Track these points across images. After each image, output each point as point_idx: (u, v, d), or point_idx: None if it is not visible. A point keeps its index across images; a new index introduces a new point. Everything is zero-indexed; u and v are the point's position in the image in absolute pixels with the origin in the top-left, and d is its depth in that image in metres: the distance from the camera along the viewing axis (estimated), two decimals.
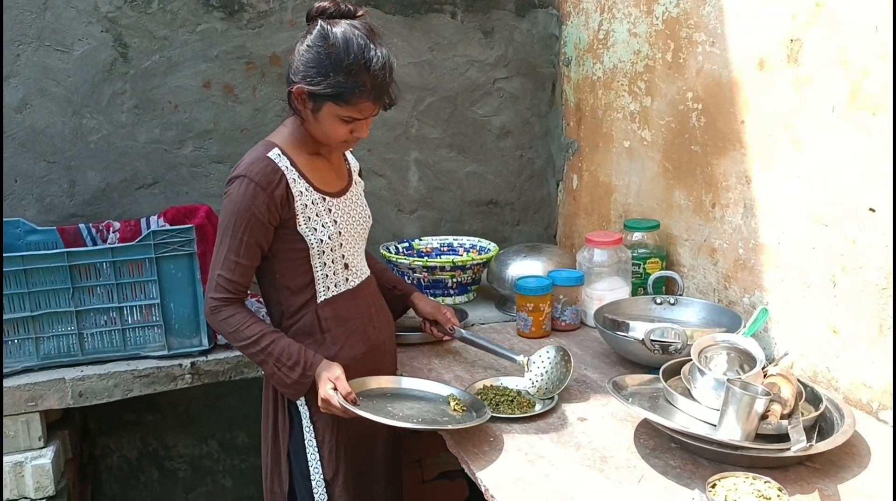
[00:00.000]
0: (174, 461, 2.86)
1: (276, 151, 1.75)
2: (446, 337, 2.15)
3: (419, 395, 1.86)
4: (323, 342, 1.82)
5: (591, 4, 2.73)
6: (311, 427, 1.83)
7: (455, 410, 1.78)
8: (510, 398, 1.84)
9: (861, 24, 1.68)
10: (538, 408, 1.81)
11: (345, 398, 1.69)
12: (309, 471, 1.84)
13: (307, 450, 1.83)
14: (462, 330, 2.10)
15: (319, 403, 1.73)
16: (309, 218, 1.77)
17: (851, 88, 1.72)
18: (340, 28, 1.67)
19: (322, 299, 1.82)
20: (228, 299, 1.74)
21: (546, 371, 1.90)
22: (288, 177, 1.73)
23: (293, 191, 1.74)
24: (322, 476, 1.84)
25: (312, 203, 1.77)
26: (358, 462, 1.90)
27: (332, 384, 1.71)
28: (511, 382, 1.93)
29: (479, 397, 1.84)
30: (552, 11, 2.97)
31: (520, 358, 1.96)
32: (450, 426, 1.70)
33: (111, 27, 2.47)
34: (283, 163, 1.74)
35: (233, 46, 2.61)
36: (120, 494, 2.79)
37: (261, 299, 2.36)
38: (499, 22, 2.91)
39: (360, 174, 2.02)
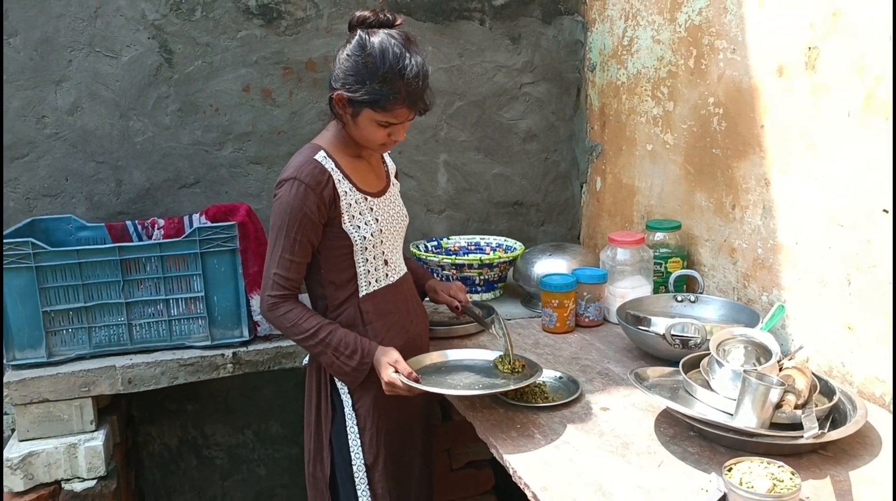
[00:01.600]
0: (212, 449, 2.98)
1: (322, 153, 1.86)
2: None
3: (469, 364, 1.99)
4: (365, 334, 1.92)
5: (615, 12, 2.82)
6: (354, 414, 1.93)
7: (505, 371, 1.92)
8: (536, 391, 1.93)
9: (876, 33, 1.76)
10: (563, 399, 1.90)
11: (407, 377, 1.80)
12: (350, 456, 1.93)
13: (349, 437, 1.93)
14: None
15: (384, 387, 1.83)
16: (353, 216, 1.87)
17: (866, 94, 1.80)
18: (378, 38, 1.77)
19: (364, 293, 1.93)
20: (285, 296, 1.84)
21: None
22: (334, 178, 1.84)
23: (339, 191, 1.85)
24: (363, 462, 1.93)
25: (356, 202, 1.88)
26: (396, 448, 1.99)
27: (393, 367, 1.81)
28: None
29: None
30: (578, 18, 3.06)
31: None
32: (511, 386, 1.82)
33: (157, 34, 2.60)
34: (329, 165, 1.85)
35: (271, 52, 2.73)
36: (160, 480, 2.92)
37: None
38: (526, 29, 3.01)
39: (395, 176, 2.12)
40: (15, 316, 2.14)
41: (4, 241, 2.12)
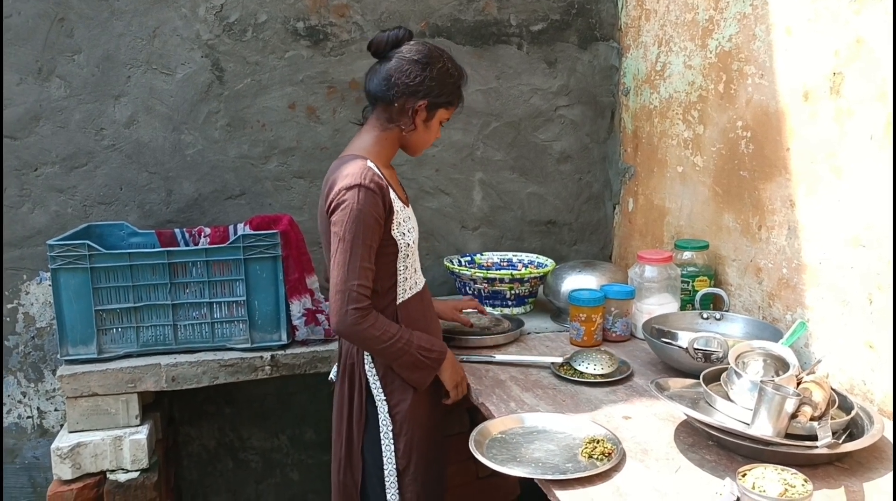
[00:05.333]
0: (247, 452, 3.08)
1: (369, 162, 1.93)
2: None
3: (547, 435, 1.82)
4: None
5: (649, 38, 2.91)
6: (389, 420, 1.98)
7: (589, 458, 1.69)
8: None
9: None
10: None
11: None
12: (382, 462, 1.98)
13: (382, 442, 1.98)
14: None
15: (456, 382, 2.04)
16: (399, 223, 1.94)
17: (888, 118, 1.85)
18: (435, 50, 1.98)
19: (400, 300, 2.00)
20: (368, 308, 1.85)
21: None
22: (383, 183, 1.91)
23: (391, 196, 1.92)
24: (395, 467, 1.98)
25: (400, 209, 1.96)
26: (426, 454, 2.05)
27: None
28: None
29: None
30: (613, 45, 3.15)
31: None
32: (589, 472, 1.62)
33: (210, 53, 2.75)
34: (378, 172, 1.92)
35: (316, 72, 2.86)
36: (198, 479, 3.03)
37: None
38: (562, 53, 3.11)
39: None
40: (70, 314, 2.28)
41: (62, 243, 2.25)
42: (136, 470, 2.28)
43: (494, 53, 3.03)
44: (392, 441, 1.99)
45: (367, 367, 1.99)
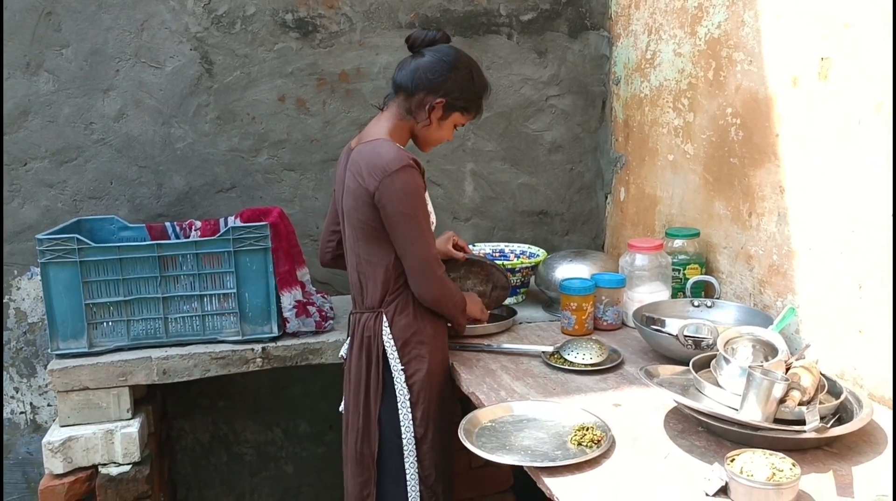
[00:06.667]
0: (241, 445, 3.08)
1: (397, 144, 2.05)
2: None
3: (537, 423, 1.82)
4: (415, 316, 2.08)
5: (639, 26, 2.90)
6: (407, 389, 2.05)
7: (578, 445, 1.69)
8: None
9: (884, 44, 1.81)
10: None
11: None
12: (401, 430, 2.05)
13: (400, 412, 2.05)
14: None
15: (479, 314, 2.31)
16: (427, 202, 2.06)
17: (876, 103, 1.85)
18: (464, 57, 2.09)
19: None
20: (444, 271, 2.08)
21: None
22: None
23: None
24: (413, 435, 2.05)
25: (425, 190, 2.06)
26: (443, 420, 2.11)
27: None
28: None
29: None
30: (603, 33, 3.14)
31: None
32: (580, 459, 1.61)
33: (199, 46, 2.74)
34: None
35: (306, 64, 2.85)
36: (192, 473, 3.03)
37: (326, 295, 2.58)
38: (552, 43, 3.10)
39: None
40: (60, 308, 2.27)
41: (52, 237, 2.25)
42: (128, 464, 2.28)
43: (484, 44, 3.02)
44: (410, 410, 2.06)
45: (385, 338, 2.07)
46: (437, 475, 2.10)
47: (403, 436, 2.05)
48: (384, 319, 2.08)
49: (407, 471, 2.06)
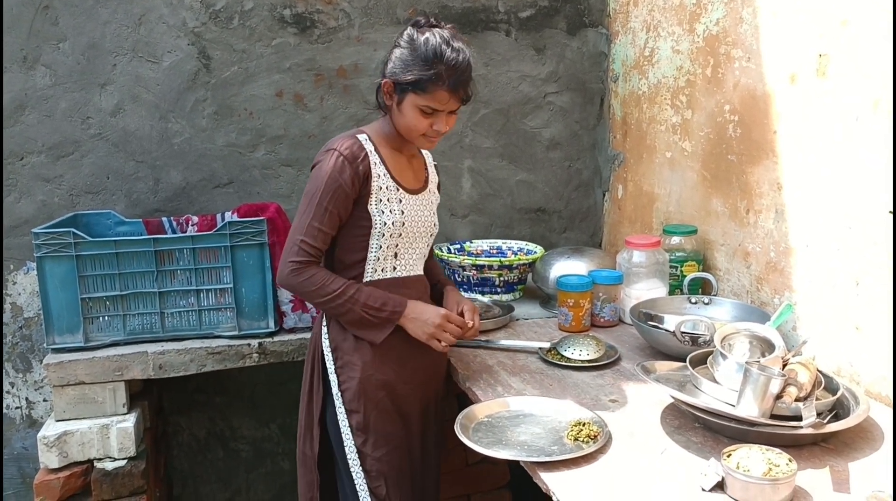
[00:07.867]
0: (238, 441, 3.07)
1: (364, 135, 1.97)
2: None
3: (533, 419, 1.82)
4: None
5: (638, 24, 2.90)
6: (340, 396, 1.99)
7: (575, 440, 1.69)
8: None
9: (882, 41, 1.81)
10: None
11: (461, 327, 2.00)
12: (342, 438, 1.99)
13: (339, 417, 1.99)
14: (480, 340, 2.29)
15: (434, 331, 1.95)
16: (380, 200, 1.95)
17: (874, 99, 1.84)
18: (426, 33, 1.90)
19: (367, 279, 1.99)
20: (308, 263, 1.90)
21: None
22: (370, 158, 1.94)
23: (373, 171, 1.93)
24: (353, 443, 1.98)
25: (386, 188, 1.96)
26: (388, 432, 2.00)
27: (444, 317, 1.97)
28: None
29: None
30: (602, 31, 3.14)
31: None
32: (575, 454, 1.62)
33: (196, 41, 2.73)
34: (369, 146, 1.95)
35: (303, 59, 2.84)
36: (188, 469, 3.02)
37: None
38: (551, 40, 3.09)
39: (437, 188, 2.18)
40: (56, 302, 2.26)
41: (48, 231, 2.24)
42: (124, 459, 2.27)
43: (483, 40, 3.02)
44: (346, 417, 1.99)
45: (323, 339, 2.02)
46: (389, 490, 1.98)
47: (345, 444, 1.98)
48: (324, 319, 2.04)
49: (355, 480, 1.98)
